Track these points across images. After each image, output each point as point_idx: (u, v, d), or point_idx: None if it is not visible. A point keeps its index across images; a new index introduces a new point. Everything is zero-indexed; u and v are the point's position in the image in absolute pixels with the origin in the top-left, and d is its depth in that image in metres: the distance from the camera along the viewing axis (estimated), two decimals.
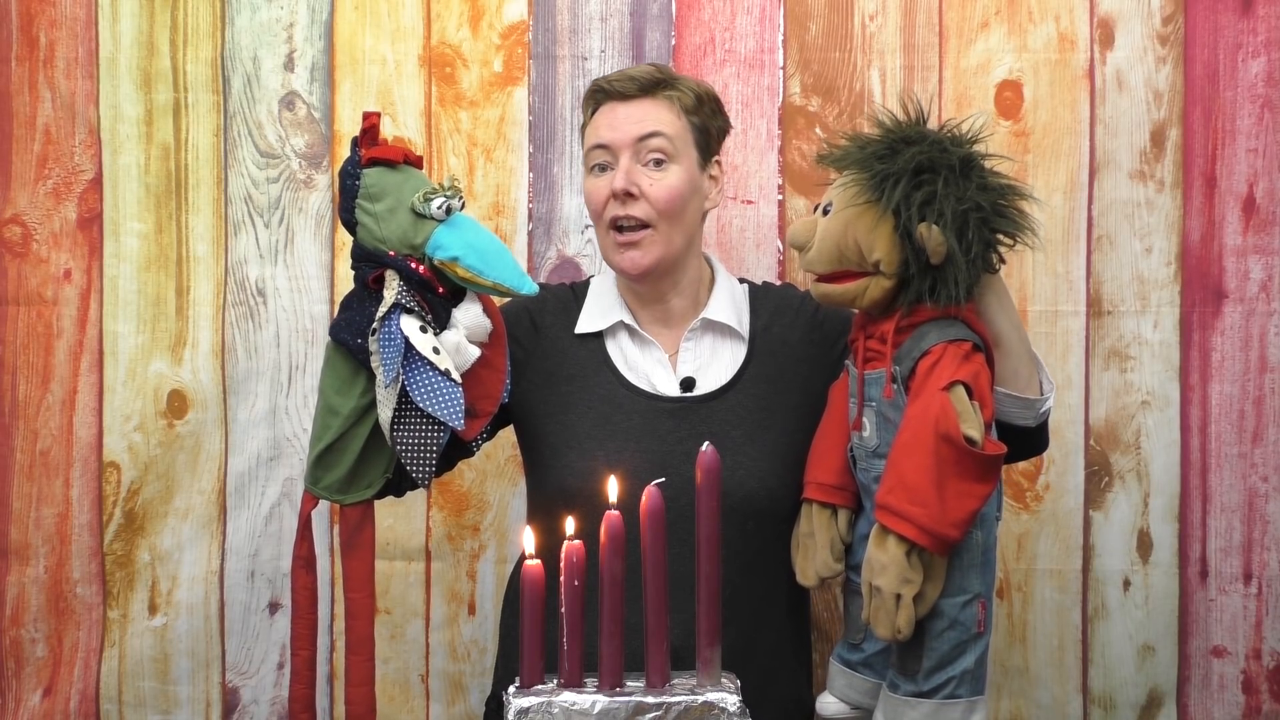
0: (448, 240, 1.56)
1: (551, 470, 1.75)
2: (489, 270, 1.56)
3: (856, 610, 1.61)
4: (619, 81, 1.78)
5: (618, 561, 1.41)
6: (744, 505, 1.69)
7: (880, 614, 1.48)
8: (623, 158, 1.75)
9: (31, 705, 2.14)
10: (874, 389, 1.58)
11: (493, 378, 1.66)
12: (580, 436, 1.74)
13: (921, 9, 2.10)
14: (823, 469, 1.65)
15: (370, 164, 1.60)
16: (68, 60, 2.11)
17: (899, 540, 1.47)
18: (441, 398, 1.56)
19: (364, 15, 2.12)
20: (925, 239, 1.51)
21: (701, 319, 1.80)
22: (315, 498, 1.67)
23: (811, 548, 1.64)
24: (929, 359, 1.52)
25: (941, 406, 1.48)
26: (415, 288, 1.58)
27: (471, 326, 1.62)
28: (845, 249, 1.56)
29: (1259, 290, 2.09)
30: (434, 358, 1.56)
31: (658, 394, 1.76)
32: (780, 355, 1.79)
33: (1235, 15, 2.08)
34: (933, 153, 1.53)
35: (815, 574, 1.64)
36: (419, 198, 1.57)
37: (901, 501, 1.47)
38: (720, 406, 1.75)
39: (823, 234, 1.58)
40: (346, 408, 1.62)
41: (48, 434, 2.13)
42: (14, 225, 2.12)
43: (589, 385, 1.77)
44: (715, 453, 1.42)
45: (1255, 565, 2.11)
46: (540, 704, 1.39)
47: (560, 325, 1.82)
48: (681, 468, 1.62)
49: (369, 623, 1.67)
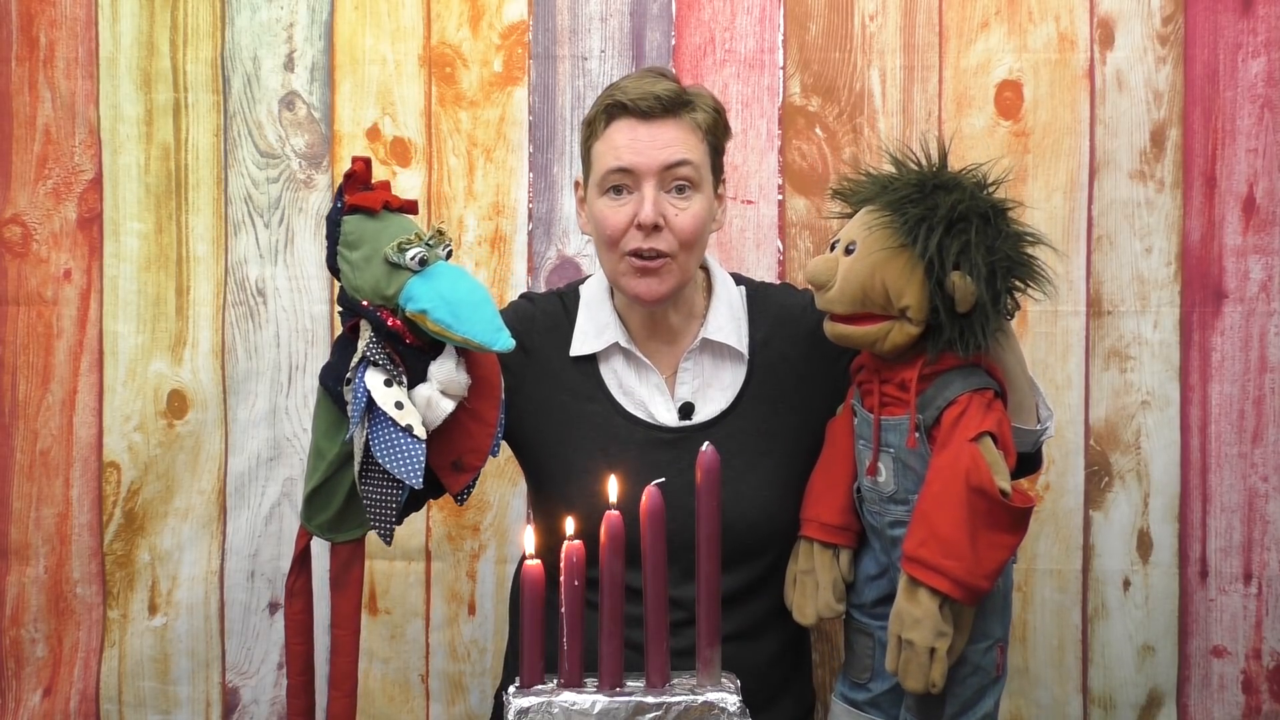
0: (419, 292, 1.50)
1: (550, 500, 1.74)
2: (459, 324, 1.49)
3: (861, 649, 1.60)
4: (642, 100, 1.67)
5: (617, 562, 1.41)
6: (748, 535, 1.67)
7: (912, 667, 1.46)
8: (647, 185, 1.66)
9: (31, 705, 2.14)
10: (892, 435, 1.55)
11: (482, 432, 1.60)
12: (576, 470, 1.70)
13: (921, 9, 2.10)
14: (825, 508, 1.63)
15: (351, 211, 1.54)
16: (68, 60, 2.11)
17: (932, 594, 1.45)
18: (400, 455, 1.51)
19: (364, 15, 2.12)
20: (957, 288, 1.48)
21: (701, 339, 1.75)
22: (309, 533, 1.65)
23: (810, 586, 1.62)
24: (955, 409, 1.50)
25: (972, 458, 1.46)
26: (385, 339, 1.53)
27: (445, 381, 1.54)
28: (871, 292, 1.52)
29: (1259, 290, 2.09)
30: (395, 413, 1.51)
31: (656, 423, 1.72)
32: (780, 371, 1.75)
33: (1235, 15, 2.08)
34: (969, 201, 1.50)
35: (815, 613, 1.62)
36: (393, 247, 1.50)
37: (935, 555, 1.45)
38: (719, 434, 1.69)
39: (847, 275, 1.53)
40: (332, 452, 1.59)
41: (48, 434, 2.13)
42: (14, 225, 2.12)
43: (584, 413, 1.73)
44: (715, 452, 1.42)
45: (1255, 565, 2.11)
46: (540, 704, 1.39)
47: (551, 345, 1.76)
48: (683, 500, 1.54)
49: (352, 660, 1.63)
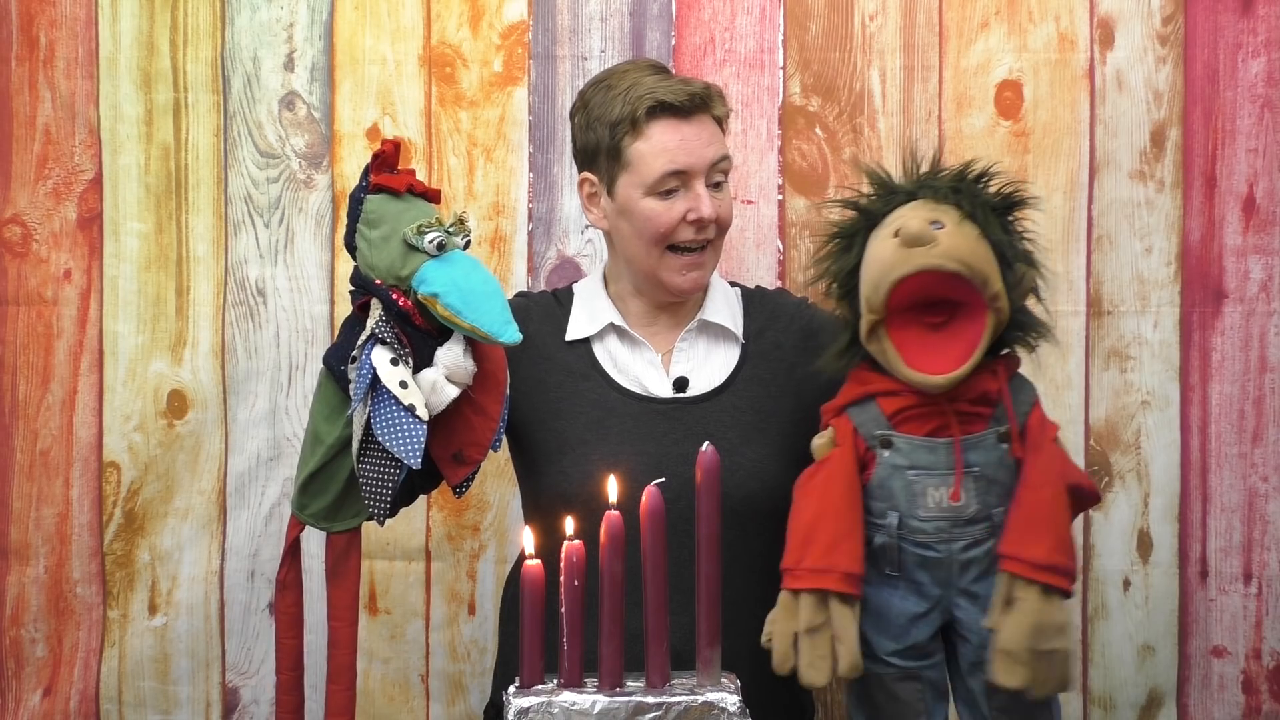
0: (433, 276, 1.52)
1: (546, 476, 1.74)
2: (469, 312, 1.51)
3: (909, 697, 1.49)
4: (684, 99, 1.71)
5: (617, 562, 1.41)
6: (745, 506, 1.68)
7: (1057, 672, 1.40)
8: (698, 182, 1.72)
9: (31, 705, 2.14)
10: (974, 454, 1.46)
11: (484, 425, 1.61)
12: (574, 441, 1.72)
13: (921, 9, 2.10)
14: (844, 557, 1.45)
15: (375, 190, 1.58)
16: (68, 60, 2.11)
17: (1065, 597, 1.42)
18: (400, 434, 1.52)
19: (364, 15, 2.12)
20: (1025, 278, 1.46)
21: (699, 320, 1.79)
22: (301, 524, 1.65)
23: (823, 644, 1.43)
24: (1038, 411, 1.49)
25: (1063, 458, 1.47)
26: (395, 319, 1.55)
27: (451, 366, 1.56)
28: (975, 261, 1.40)
29: (1259, 290, 2.08)
30: (399, 391, 1.52)
31: (650, 395, 1.75)
32: (773, 360, 1.78)
33: (1235, 15, 2.08)
34: (997, 196, 1.48)
35: (835, 675, 1.43)
36: (412, 230, 1.53)
37: (1066, 559, 1.42)
38: (714, 408, 1.74)
39: (953, 235, 1.41)
40: (332, 436, 1.60)
41: (48, 434, 2.13)
42: (14, 225, 2.12)
43: (579, 390, 1.75)
44: (715, 452, 1.42)
45: (1255, 565, 2.11)
46: (540, 704, 1.39)
47: (545, 332, 1.80)
48: (678, 469, 1.61)
49: (351, 652, 1.63)
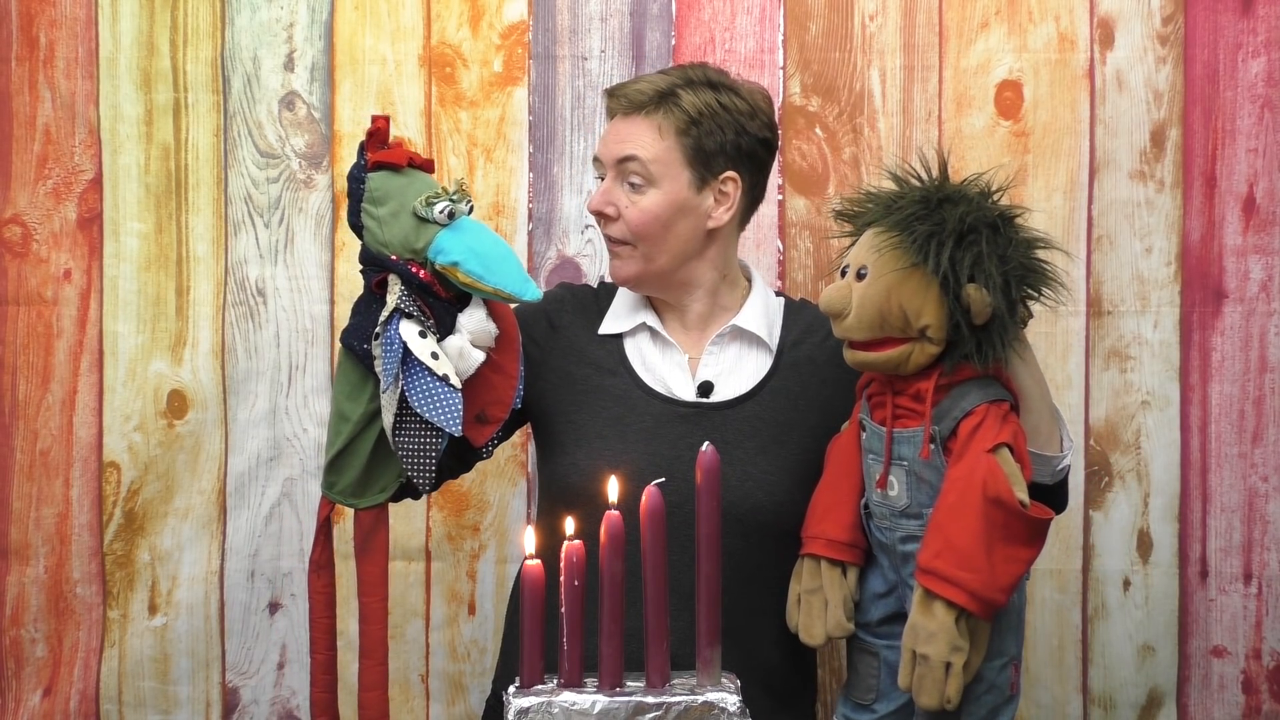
0: (449, 244, 1.55)
1: (559, 468, 1.74)
2: (490, 276, 1.54)
3: (866, 669, 1.58)
4: (619, 96, 1.74)
5: (618, 562, 1.41)
6: (749, 517, 1.67)
7: (927, 682, 1.43)
8: (608, 176, 1.74)
9: (31, 705, 2.14)
10: (905, 447, 1.53)
11: (504, 383, 1.64)
12: (590, 436, 1.72)
13: (921, 9, 2.10)
14: (832, 524, 1.60)
15: (375, 168, 1.59)
16: (68, 60, 2.11)
17: (948, 606, 1.43)
18: (439, 403, 1.54)
19: (364, 15, 2.12)
20: (973, 301, 1.46)
21: (731, 325, 1.77)
22: (331, 502, 1.66)
23: (818, 605, 1.58)
24: (972, 419, 1.49)
25: (989, 469, 1.45)
26: (416, 292, 1.57)
27: (475, 331, 1.59)
28: (889, 315, 1.50)
29: (1259, 290, 2.09)
30: (432, 363, 1.55)
31: (673, 397, 1.74)
32: (805, 372, 1.75)
33: (1235, 15, 2.08)
34: (976, 211, 1.49)
35: (825, 633, 1.58)
36: (421, 202, 1.55)
37: (950, 566, 1.43)
38: (736, 415, 1.72)
39: (862, 301, 1.51)
40: (356, 413, 1.61)
41: (48, 434, 2.12)
42: (14, 225, 2.12)
43: (603, 385, 1.75)
44: (715, 452, 1.42)
45: (1255, 565, 2.11)
46: (540, 704, 1.39)
47: (579, 325, 1.80)
48: (689, 473, 1.56)
49: (382, 626, 1.65)
